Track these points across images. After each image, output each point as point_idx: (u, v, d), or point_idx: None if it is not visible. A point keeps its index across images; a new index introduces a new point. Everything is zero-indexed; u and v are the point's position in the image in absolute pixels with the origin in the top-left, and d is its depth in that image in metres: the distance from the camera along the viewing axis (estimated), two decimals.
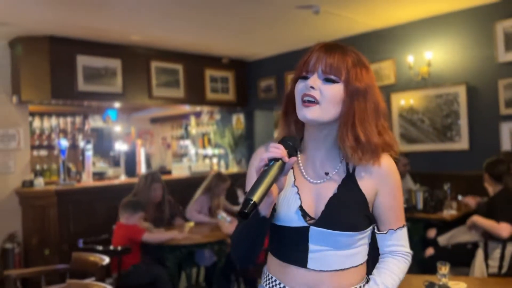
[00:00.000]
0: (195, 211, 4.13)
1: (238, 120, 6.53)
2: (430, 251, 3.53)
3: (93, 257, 2.69)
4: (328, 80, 1.09)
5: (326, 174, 1.16)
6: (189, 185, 5.41)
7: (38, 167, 6.32)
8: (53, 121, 6.80)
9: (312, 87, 1.08)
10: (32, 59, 4.59)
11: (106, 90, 5.02)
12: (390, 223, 1.18)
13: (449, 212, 3.79)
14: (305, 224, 1.12)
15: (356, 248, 1.14)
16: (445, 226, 3.75)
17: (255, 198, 0.96)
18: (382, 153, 1.15)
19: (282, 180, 1.06)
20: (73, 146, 6.74)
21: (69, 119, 6.99)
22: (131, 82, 5.22)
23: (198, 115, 7.44)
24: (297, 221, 1.12)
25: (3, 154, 4.64)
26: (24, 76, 4.55)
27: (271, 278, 1.20)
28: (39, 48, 4.60)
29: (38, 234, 4.44)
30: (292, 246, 1.15)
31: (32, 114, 6.27)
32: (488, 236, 3.08)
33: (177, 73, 5.66)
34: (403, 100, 4.85)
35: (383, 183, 1.16)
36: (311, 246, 1.12)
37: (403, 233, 1.20)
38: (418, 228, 3.90)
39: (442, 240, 3.63)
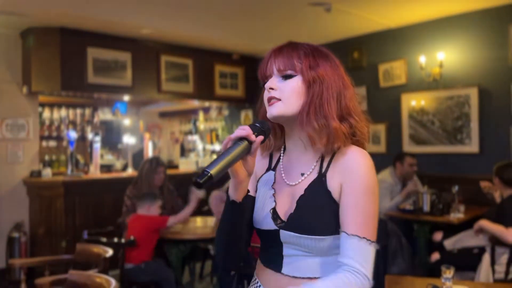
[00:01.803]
0: (220, 199, 4.14)
1: (246, 116, 6.52)
2: (436, 256, 3.50)
3: (97, 249, 2.69)
4: (286, 77, 1.10)
5: (302, 174, 1.13)
6: None
7: (46, 157, 6.37)
8: (63, 112, 6.83)
9: (271, 88, 1.10)
10: (43, 50, 4.61)
11: (116, 83, 5.03)
12: (344, 226, 1.03)
13: (456, 216, 3.75)
14: (275, 227, 1.10)
15: (332, 256, 1.06)
16: (451, 229, 3.72)
17: (212, 170, 0.92)
18: (352, 145, 1.09)
19: (249, 162, 1.04)
20: (82, 138, 6.77)
21: (78, 111, 7.03)
22: (141, 76, 5.23)
23: (206, 110, 7.44)
24: (269, 224, 1.11)
25: (12, 143, 4.67)
26: (35, 67, 4.57)
27: (256, 282, 1.19)
28: (50, 39, 4.62)
29: (45, 224, 4.47)
30: (269, 249, 1.14)
31: (42, 105, 6.31)
32: (496, 241, 3.03)
33: (187, 67, 5.66)
34: (413, 101, 4.80)
35: (347, 179, 1.05)
36: (285, 251, 1.10)
37: (360, 246, 1.00)
38: (424, 230, 3.87)
39: (448, 243, 3.59)
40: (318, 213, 1.06)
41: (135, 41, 5.18)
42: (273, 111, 1.09)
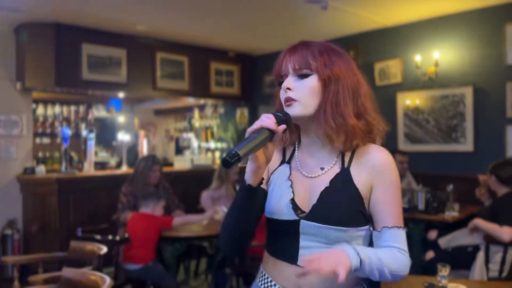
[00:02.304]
0: (211, 198, 4.15)
1: (242, 114, 6.51)
2: (430, 254, 3.51)
3: (91, 246, 2.68)
4: (301, 76, 1.11)
5: (322, 169, 1.15)
6: (191, 177, 5.42)
7: (40, 154, 6.33)
8: (57, 109, 6.79)
9: (288, 89, 1.12)
10: (37, 46, 4.57)
11: (110, 79, 5.00)
12: (384, 221, 1.11)
13: (450, 214, 3.76)
14: (296, 218, 1.11)
15: None
16: (446, 228, 3.73)
17: (240, 151, 0.98)
18: (374, 144, 1.15)
19: (270, 149, 1.06)
20: (76, 135, 6.73)
21: (72, 108, 6.98)
22: (136, 73, 5.20)
23: (202, 108, 7.42)
24: (288, 214, 1.12)
25: (5, 140, 4.63)
26: (29, 62, 4.53)
27: (264, 275, 1.19)
28: (45, 35, 4.58)
29: (38, 222, 4.44)
30: (283, 241, 1.14)
31: (36, 101, 6.26)
32: (490, 240, 3.04)
33: (182, 65, 5.63)
34: (409, 100, 4.81)
35: (378, 178, 1.12)
36: (302, 242, 1.11)
37: (400, 235, 1.12)
38: (419, 229, 3.87)
39: (443, 242, 3.60)
40: (340, 204, 1.09)
41: (130, 38, 5.15)
42: (291, 112, 1.11)
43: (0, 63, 4.65)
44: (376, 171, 1.12)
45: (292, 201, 1.12)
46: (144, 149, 5.84)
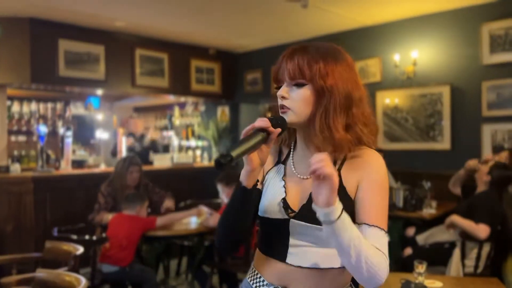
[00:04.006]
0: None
1: (223, 112, 6.48)
2: (408, 251, 3.56)
3: (67, 246, 2.62)
4: (297, 85, 1.13)
5: None
6: (171, 175, 5.36)
7: (15, 152, 6.18)
8: (33, 106, 6.64)
9: (283, 97, 1.13)
10: (12, 41, 4.45)
11: (88, 76, 4.91)
12: (365, 218, 1.10)
13: (428, 211, 3.82)
14: (286, 217, 1.13)
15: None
16: (424, 224, 3.78)
17: (233, 153, 0.99)
18: (366, 148, 1.16)
19: (264, 151, 1.09)
20: (53, 132, 6.60)
21: (49, 105, 6.84)
22: (114, 69, 5.12)
23: (182, 106, 7.36)
24: (279, 213, 1.14)
25: None
26: (3, 58, 4.41)
27: (255, 272, 1.22)
28: (20, 29, 4.47)
29: (13, 221, 4.33)
30: (274, 239, 1.17)
31: (11, 98, 6.11)
32: (466, 236, 3.10)
33: (162, 62, 5.57)
34: (388, 99, 4.86)
35: (364, 176, 1.13)
36: (291, 240, 1.13)
37: (382, 236, 1.08)
38: (398, 226, 3.92)
39: (421, 239, 3.65)
40: None
41: (108, 34, 5.06)
42: (286, 119, 1.13)
43: None
44: (364, 171, 1.13)
45: (284, 200, 1.15)
46: (123, 147, 5.76)
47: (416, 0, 4.19)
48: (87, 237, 3.16)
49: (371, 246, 1.04)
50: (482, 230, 3.01)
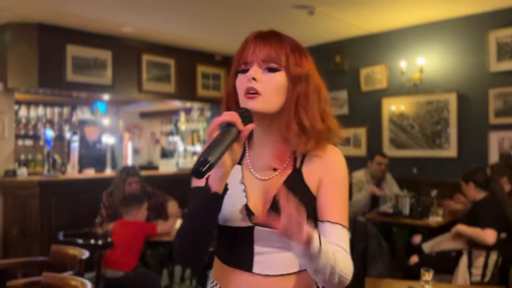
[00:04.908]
0: None
1: None
2: (414, 259, 3.53)
3: (73, 250, 2.62)
4: (269, 70, 1.05)
5: (275, 170, 1.10)
6: (176, 181, 5.36)
7: (22, 157, 6.22)
8: (40, 110, 6.68)
9: (254, 79, 1.03)
10: (21, 46, 4.49)
11: (95, 81, 4.94)
12: (328, 215, 1.06)
13: (434, 219, 3.79)
14: (250, 224, 1.05)
15: None
16: (430, 232, 3.75)
17: (212, 157, 0.89)
18: (328, 144, 1.10)
19: (236, 150, 0.99)
20: (60, 137, 6.63)
21: (56, 110, 6.88)
22: (121, 75, 5.15)
23: (188, 111, 7.38)
24: (242, 221, 1.06)
25: None
26: (11, 63, 4.45)
27: (215, 285, 1.13)
28: (28, 35, 4.51)
29: (19, 225, 4.35)
30: (237, 249, 1.08)
31: (19, 102, 6.16)
32: (473, 244, 3.08)
33: (169, 67, 5.60)
34: (394, 106, 4.85)
35: (325, 173, 1.08)
36: (257, 248, 1.06)
37: (344, 234, 1.05)
38: (404, 233, 3.90)
39: (427, 247, 3.62)
40: None
41: (116, 39, 5.10)
42: (253, 105, 1.03)
43: None
44: (325, 167, 1.08)
45: (246, 207, 1.06)
46: (129, 152, 5.78)
47: (423, 8, 4.19)
48: (92, 241, 3.16)
49: (341, 253, 1.00)
50: (489, 235, 2.99)
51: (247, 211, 1.06)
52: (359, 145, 5.10)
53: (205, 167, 0.88)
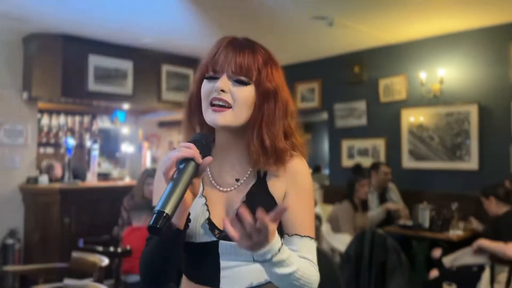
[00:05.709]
0: None
1: None
2: (434, 273, 3.47)
3: (93, 258, 2.65)
4: (239, 82, 1.00)
5: (237, 180, 1.07)
6: None
7: (44, 164, 6.32)
8: (62, 119, 6.81)
9: (222, 90, 0.99)
10: (45, 56, 4.61)
11: (116, 91, 5.02)
12: (296, 229, 1.04)
13: (455, 233, 3.72)
14: (214, 239, 1.02)
15: None
16: (450, 246, 3.69)
17: (168, 210, 0.83)
18: (293, 155, 1.08)
19: (196, 184, 0.95)
20: (80, 145, 6.74)
21: (77, 118, 7.00)
22: (141, 85, 5.23)
23: None
24: (205, 236, 1.02)
25: (9, 149, 4.64)
26: (36, 72, 4.56)
27: None
28: (53, 46, 4.62)
29: (40, 231, 4.42)
30: (202, 265, 1.04)
31: (41, 111, 6.28)
32: (496, 259, 3.01)
33: (188, 78, 5.66)
34: (413, 117, 4.81)
35: (290, 184, 1.06)
36: (223, 263, 1.02)
37: (312, 246, 1.05)
38: (423, 247, 3.84)
39: (447, 261, 3.56)
40: None
41: (137, 50, 5.19)
42: (220, 120, 0.99)
43: (8, 73, 4.68)
44: (290, 178, 1.06)
45: (209, 221, 1.02)
46: (147, 160, 5.84)
47: (443, 18, 4.16)
48: (112, 248, 3.19)
49: (306, 264, 0.99)
50: None
51: (210, 226, 1.02)
52: (377, 157, 5.06)
53: (163, 223, 0.83)
